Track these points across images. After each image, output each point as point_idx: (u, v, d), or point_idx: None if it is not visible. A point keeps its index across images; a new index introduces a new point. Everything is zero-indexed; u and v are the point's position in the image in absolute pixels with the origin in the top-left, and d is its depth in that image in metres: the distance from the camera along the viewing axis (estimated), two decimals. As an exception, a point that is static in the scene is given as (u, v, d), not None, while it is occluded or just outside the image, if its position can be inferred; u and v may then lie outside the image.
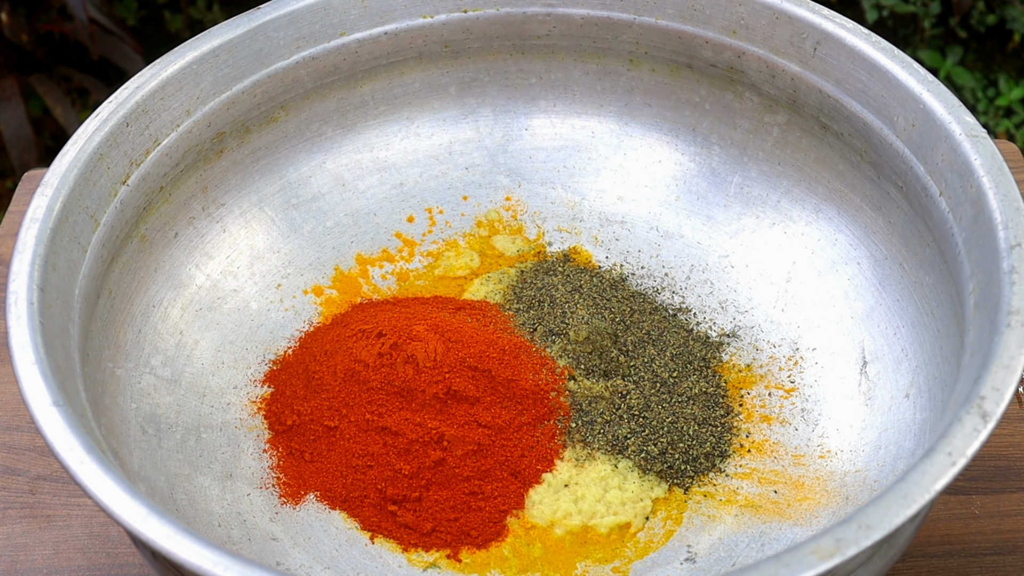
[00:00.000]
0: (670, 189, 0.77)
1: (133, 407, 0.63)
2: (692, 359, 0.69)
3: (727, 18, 0.70)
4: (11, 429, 0.73)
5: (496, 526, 0.62)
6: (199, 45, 0.68)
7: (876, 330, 0.67)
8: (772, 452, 0.65)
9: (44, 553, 0.66)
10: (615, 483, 0.63)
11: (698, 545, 0.62)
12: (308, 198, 0.76)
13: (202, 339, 0.69)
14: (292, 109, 0.74)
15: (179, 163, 0.69)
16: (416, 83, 0.77)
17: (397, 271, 0.75)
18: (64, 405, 0.51)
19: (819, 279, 0.71)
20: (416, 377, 0.64)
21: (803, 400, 0.67)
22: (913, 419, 0.62)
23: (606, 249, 0.76)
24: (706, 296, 0.73)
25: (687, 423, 0.65)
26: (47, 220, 0.59)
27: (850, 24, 0.67)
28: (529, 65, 0.77)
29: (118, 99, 0.65)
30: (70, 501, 0.69)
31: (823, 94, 0.69)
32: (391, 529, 0.62)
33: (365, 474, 0.63)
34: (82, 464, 0.49)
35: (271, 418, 0.67)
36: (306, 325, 0.71)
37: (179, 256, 0.70)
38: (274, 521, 0.62)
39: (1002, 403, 0.49)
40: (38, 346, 0.53)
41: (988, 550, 0.66)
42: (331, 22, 0.72)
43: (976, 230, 0.58)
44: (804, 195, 0.73)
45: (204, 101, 0.69)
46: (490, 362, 0.65)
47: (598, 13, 0.74)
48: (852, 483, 0.62)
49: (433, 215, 0.77)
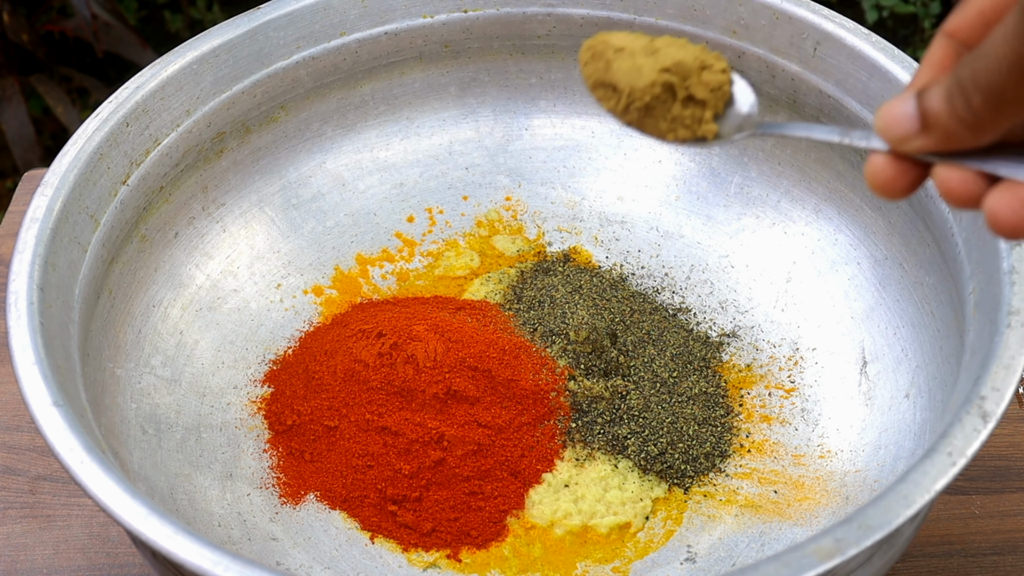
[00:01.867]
0: (670, 189, 0.77)
1: (133, 407, 0.63)
2: (692, 359, 0.69)
3: (727, 18, 0.70)
4: (11, 429, 0.73)
5: (496, 526, 0.62)
6: (199, 45, 0.68)
7: (876, 330, 0.67)
8: (772, 452, 0.65)
9: (44, 553, 0.66)
10: (615, 483, 0.63)
11: (698, 545, 0.62)
12: (308, 198, 0.76)
13: (202, 339, 0.69)
14: (292, 109, 0.74)
15: (179, 163, 0.69)
16: (416, 83, 0.77)
17: (397, 271, 0.75)
18: (64, 405, 0.51)
19: (819, 279, 0.71)
20: (416, 377, 0.64)
21: (803, 400, 0.67)
22: (913, 419, 0.62)
23: (606, 249, 0.76)
24: (706, 296, 0.73)
25: (687, 423, 0.65)
26: (47, 220, 0.59)
27: (850, 24, 0.67)
28: (529, 65, 0.77)
29: (118, 99, 0.65)
30: (70, 501, 0.69)
31: (823, 94, 0.69)
32: (391, 529, 0.62)
33: (365, 474, 0.63)
34: (82, 464, 0.49)
35: (271, 418, 0.67)
36: (306, 325, 0.71)
37: (179, 256, 0.70)
38: (274, 521, 0.62)
39: (1002, 403, 0.49)
40: (38, 346, 0.53)
41: (988, 550, 0.66)
42: (331, 22, 0.72)
43: (976, 230, 0.58)
44: (804, 195, 0.73)
45: (204, 101, 0.69)
46: (490, 362, 0.65)
47: (598, 13, 0.74)
48: (852, 483, 0.62)
49: (433, 215, 0.77)
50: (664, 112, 0.45)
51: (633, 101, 0.45)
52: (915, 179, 0.38)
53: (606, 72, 0.46)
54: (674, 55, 0.44)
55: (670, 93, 0.45)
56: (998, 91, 0.34)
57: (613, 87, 0.46)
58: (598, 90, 0.46)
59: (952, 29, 0.38)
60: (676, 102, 0.45)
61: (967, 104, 0.35)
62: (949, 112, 0.35)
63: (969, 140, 0.36)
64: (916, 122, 0.37)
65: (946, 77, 0.36)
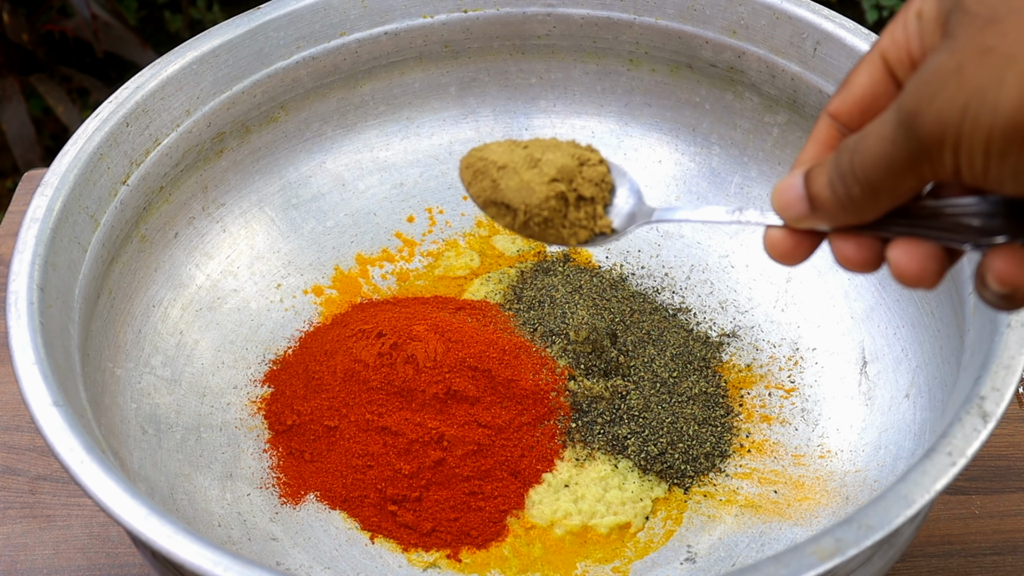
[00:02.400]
0: (670, 189, 0.77)
1: (133, 407, 0.63)
2: (692, 359, 0.69)
3: (727, 18, 0.70)
4: (11, 429, 0.73)
5: (496, 526, 0.62)
6: (199, 45, 0.68)
7: (876, 330, 0.67)
8: (772, 452, 0.65)
9: (44, 553, 0.66)
10: (615, 483, 0.63)
11: (698, 545, 0.62)
12: (308, 198, 0.76)
13: (202, 339, 0.69)
14: (292, 109, 0.74)
15: (179, 163, 0.69)
16: (416, 83, 0.77)
17: (397, 271, 0.75)
18: (64, 405, 0.51)
19: (819, 279, 0.71)
20: (416, 377, 0.64)
21: (803, 400, 0.67)
22: (913, 419, 0.62)
23: (606, 249, 0.76)
24: (706, 296, 0.73)
25: (687, 423, 0.65)
26: (47, 220, 0.59)
27: (850, 24, 0.67)
28: (529, 65, 0.77)
29: (118, 99, 0.65)
30: (70, 501, 0.69)
31: (823, 94, 0.69)
32: (391, 529, 0.62)
33: (365, 474, 0.63)
34: (82, 464, 0.49)
35: (271, 418, 0.67)
36: (306, 325, 0.71)
37: (179, 256, 0.70)
38: (274, 521, 0.62)
39: (1002, 403, 0.49)
40: (38, 346, 0.53)
41: (988, 550, 0.66)
42: (331, 22, 0.72)
43: (976, 230, 0.58)
44: (804, 195, 0.73)
45: (204, 101, 0.69)
46: (490, 362, 0.65)
47: (598, 13, 0.74)
48: (852, 483, 0.62)
49: (433, 215, 0.77)
50: (561, 220, 0.46)
51: (531, 218, 0.46)
52: (811, 246, 0.42)
53: (495, 192, 0.47)
54: (555, 161, 0.46)
55: (563, 202, 0.46)
56: (875, 184, 0.37)
57: (506, 206, 0.47)
58: (490, 208, 0.47)
59: (835, 111, 0.41)
60: (570, 206, 0.46)
61: (847, 192, 0.38)
62: (832, 198, 0.39)
63: (852, 221, 0.39)
64: (806, 204, 0.40)
65: (828, 161, 0.39)
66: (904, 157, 0.35)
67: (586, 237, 0.46)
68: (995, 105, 0.33)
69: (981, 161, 0.34)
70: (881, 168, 0.36)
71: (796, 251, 0.42)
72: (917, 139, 0.35)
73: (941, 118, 0.34)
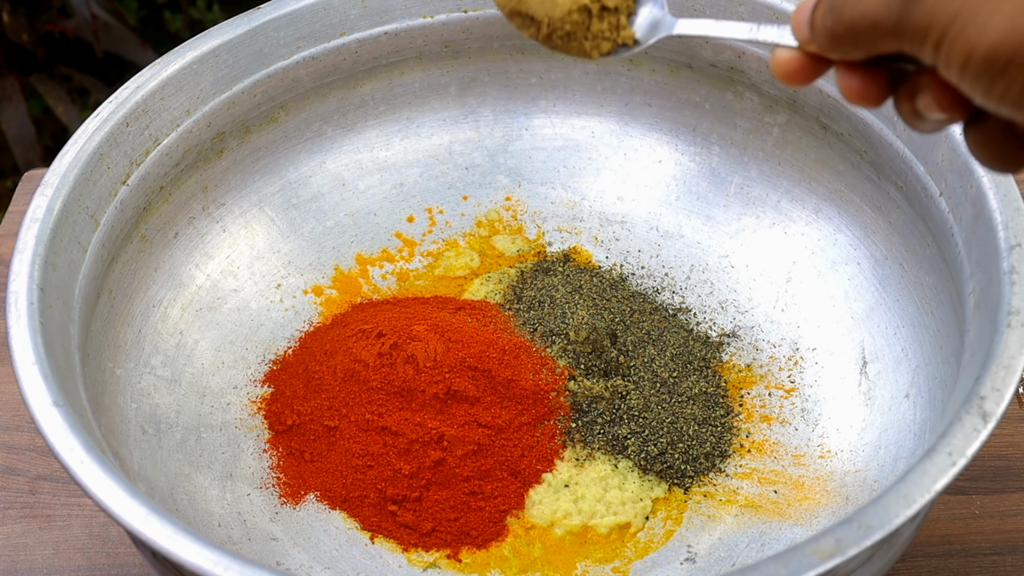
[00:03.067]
0: (670, 189, 0.77)
1: (133, 407, 0.63)
2: (692, 359, 0.69)
3: (727, 18, 0.70)
4: (11, 429, 0.73)
5: (496, 526, 0.62)
6: (199, 45, 0.68)
7: (876, 330, 0.67)
8: (772, 452, 0.65)
9: (44, 553, 0.66)
10: (615, 483, 0.63)
11: (698, 545, 0.62)
12: (308, 198, 0.76)
13: (202, 339, 0.69)
14: (292, 109, 0.74)
15: (179, 163, 0.69)
16: (416, 83, 0.77)
17: (397, 271, 0.75)
18: (64, 405, 0.51)
19: (819, 279, 0.71)
20: (416, 377, 0.64)
21: (803, 400, 0.67)
22: (913, 419, 0.62)
23: (606, 249, 0.76)
24: (706, 296, 0.73)
25: (687, 423, 0.65)
26: (47, 220, 0.59)
27: (850, 24, 0.67)
28: (529, 65, 0.77)
29: (118, 99, 0.65)
30: (70, 501, 0.69)
31: (823, 94, 0.69)
32: (391, 529, 0.62)
33: (365, 474, 0.63)
34: (82, 464, 0.49)
35: (271, 418, 0.67)
36: (306, 325, 0.71)
37: (179, 256, 0.70)
38: (274, 521, 0.62)
39: (1002, 403, 0.49)
40: (38, 346, 0.53)
41: (988, 550, 0.66)
42: (331, 22, 0.72)
43: (976, 230, 0.58)
44: (804, 195, 0.73)
45: (204, 101, 0.69)
46: (490, 362, 0.65)
47: (598, 13, 0.74)
48: (852, 483, 0.62)
49: (433, 215, 0.77)
50: (584, 33, 0.47)
51: (555, 30, 0.47)
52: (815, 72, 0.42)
53: (520, 2, 0.47)
54: None
55: (586, 14, 0.46)
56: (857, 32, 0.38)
57: (531, 17, 0.47)
58: (515, 19, 0.48)
59: None
60: (593, 18, 0.46)
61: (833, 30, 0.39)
62: (822, 27, 0.39)
63: (838, 57, 0.40)
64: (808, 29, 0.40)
65: None
66: (890, 26, 0.36)
67: (608, 48, 0.47)
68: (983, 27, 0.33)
69: (957, 70, 0.35)
70: (867, 22, 0.37)
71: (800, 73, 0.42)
72: (906, 17, 0.35)
73: (934, 12, 0.34)
